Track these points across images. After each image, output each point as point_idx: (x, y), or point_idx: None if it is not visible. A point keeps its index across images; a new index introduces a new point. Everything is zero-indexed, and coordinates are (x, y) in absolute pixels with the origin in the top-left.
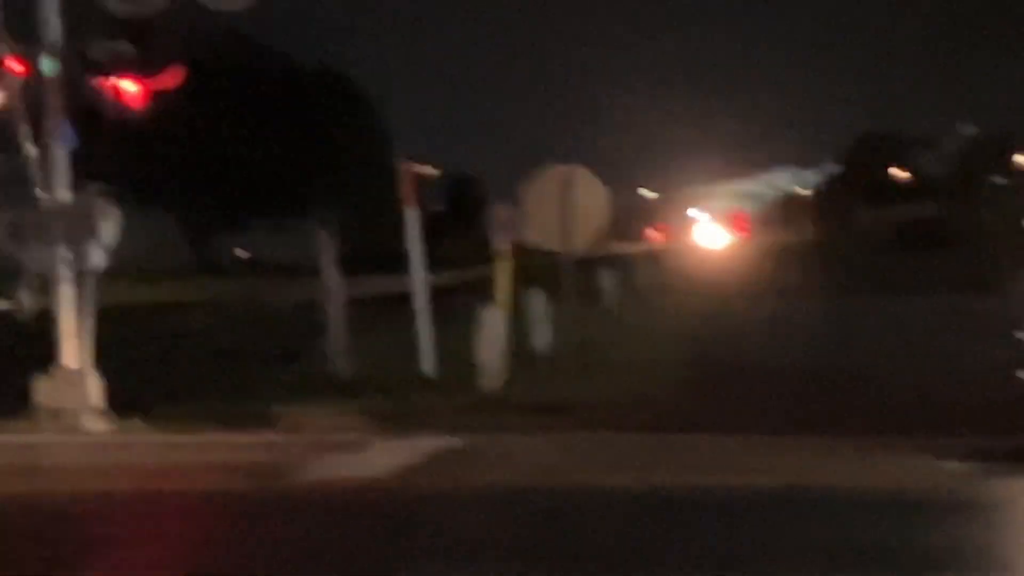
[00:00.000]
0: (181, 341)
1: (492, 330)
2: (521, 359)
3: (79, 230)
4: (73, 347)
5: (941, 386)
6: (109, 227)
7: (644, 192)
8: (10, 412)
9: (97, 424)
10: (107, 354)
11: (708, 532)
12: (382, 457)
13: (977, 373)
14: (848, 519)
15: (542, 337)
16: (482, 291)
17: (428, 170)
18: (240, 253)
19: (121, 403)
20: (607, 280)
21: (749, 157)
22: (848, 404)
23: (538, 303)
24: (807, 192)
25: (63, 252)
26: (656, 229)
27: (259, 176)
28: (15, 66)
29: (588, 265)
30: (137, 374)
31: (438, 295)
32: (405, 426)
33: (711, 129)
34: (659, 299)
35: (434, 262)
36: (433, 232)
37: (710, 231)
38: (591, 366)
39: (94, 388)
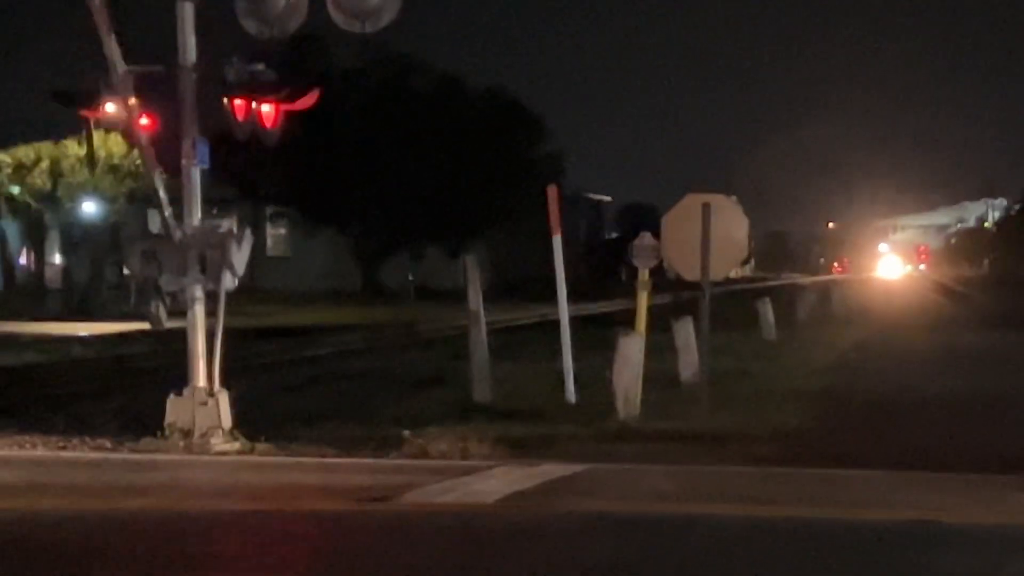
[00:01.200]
0: (329, 363)
1: (629, 357)
2: (668, 388)
3: (211, 255)
4: (204, 367)
5: None
6: (242, 251)
7: (831, 224)
8: (144, 430)
9: (225, 444)
10: (248, 375)
11: (802, 564)
12: (496, 483)
13: None
14: (961, 555)
15: (689, 366)
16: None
17: (602, 198)
18: (410, 278)
19: (253, 424)
20: (767, 310)
21: (935, 190)
22: (994, 440)
23: (685, 332)
24: (990, 225)
25: (195, 275)
26: (839, 260)
27: (434, 202)
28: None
29: (750, 295)
30: (275, 396)
31: (600, 321)
32: (534, 453)
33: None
34: (825, 330)
35: (605, 290)
36: (608, 259)
37: (889, 262)
38: (737, 396)
39: (224, 408)
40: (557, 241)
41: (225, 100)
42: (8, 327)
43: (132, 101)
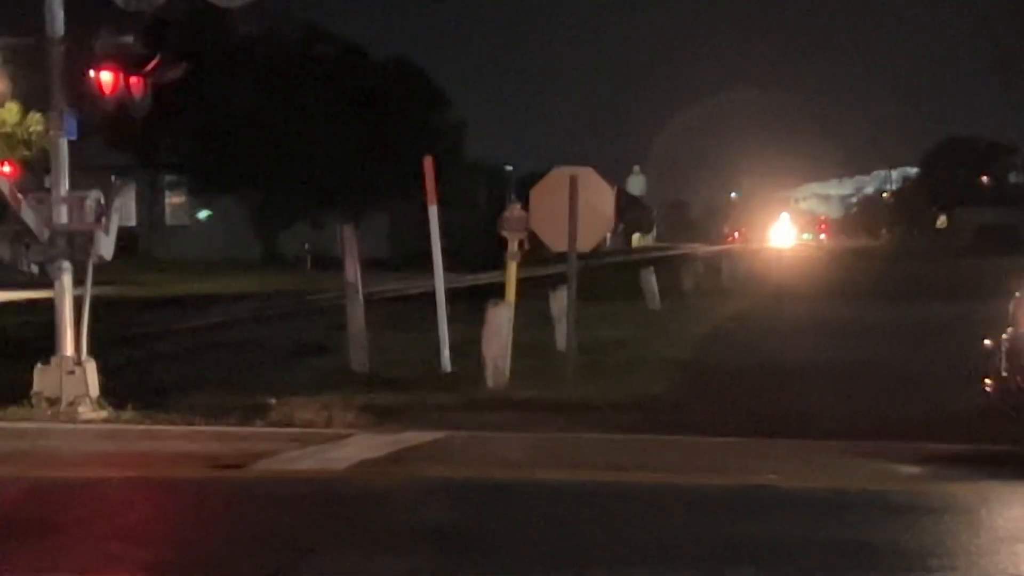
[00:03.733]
0: (213, 333)
1: (498, 327)
2: (542, 358)
3: (80, 222)
4: (72, 336)
5: (925, 391)
6: (114, 219)
7: (733, 195)
8: (10, 399)
9: (92, 413)
10: (128, 345)
11: (638, 526)
12: (352, 450)
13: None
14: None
15: (564, 336)
16: (535, 288)
17: (504, 167)
18: (306, 247)
19: (126, 394)
20: (650, 280)
21: (838, 162)
22: (834, 406)
23: (561, 302)
24: (887, 195)
25: (62, 246)
26: (735, 230)
27: (334, 171)
28: None
29: (635, 265)
30: (153, 365)
31: (494, 291)
32: (399, 421)
33: (798, 134)
34: (709, 301)
35: (503, 260)
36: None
37: (782, 232)
38: (608, 366)
39: (92, 377)
40: (433, 211)
41: (92, 72)
42: None
43: None
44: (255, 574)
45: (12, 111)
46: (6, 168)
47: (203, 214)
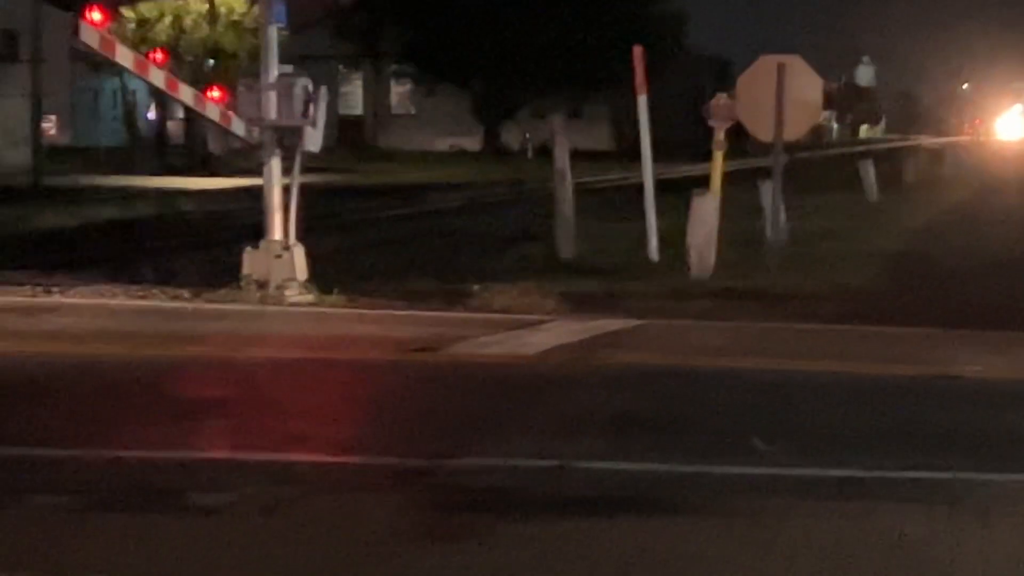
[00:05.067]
0: (426, 220)
1: (703, 216)
2: (750, 248)
3: (287, 108)
4: (280, 221)
5: None
6: (318, 107)
7: (966, 85)
8: (221, 282)
9: (298, 296)
10: (342, 231)
11: (826, 415)
12: (545, 336)
13: None
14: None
15: (772, 226)
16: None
17: (724, 58)
18: (527, 136)
19: (330, 278)
20: (868, 172)
21: None
22: None
23: (768, 192)
24: None
25: (271, 130)
26: (968, 122)
27: (553, 61)
28: None
29: (857, 157)
30: (364, 251)
31: (700, 183)
32: (598, 308)
33: None
34: (929, 192)
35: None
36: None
37: (1010, 124)
38: (817, 256)
39: (299, 261)
40: (642, 101)
41: None
42: (129, 181)
43: None
44: (441, 452)
45: (239, 0)
46: (215, 93)
47: None
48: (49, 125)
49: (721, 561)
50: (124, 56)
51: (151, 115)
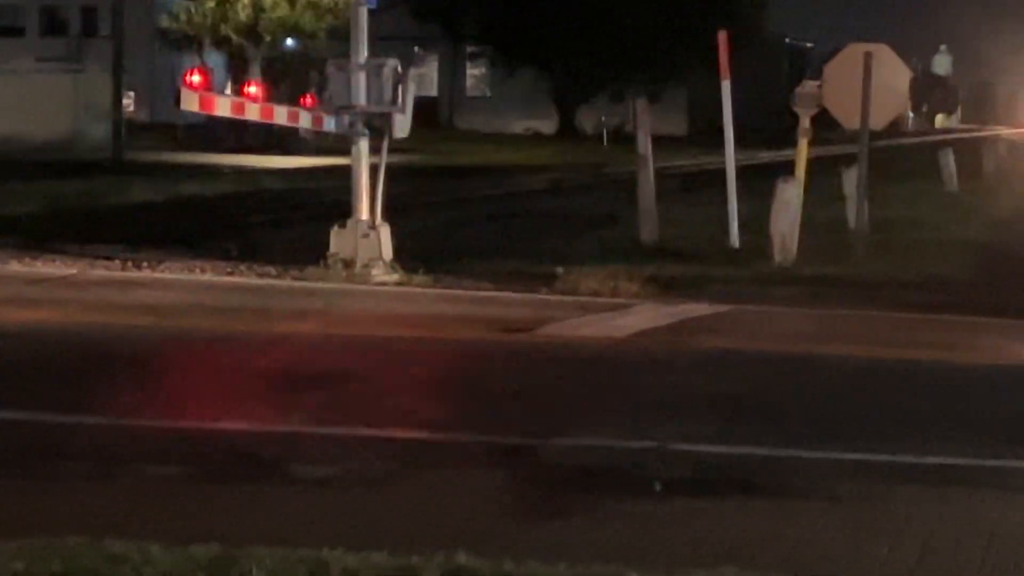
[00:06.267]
0: (506, 202)
1: (787, 203)
2: (832, 235)
3: (375, 90)
4: (367, 201)
5: None
6: (407, 91)
7: None
8: (312, 260)
9: (384, 275)
10: (424, 211)
11: (918, 403)
12: (634, 319)
13: None
14: None
15: (856, 214)
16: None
17: (807, 44)
18: (603, 119)
19: (415, 257)
20: (948, 161)
21: None
22: None
23: (853, 180)
24: None
25: (360, 109)
26: None
27: (632, 45)
28: None
29: (935, 147)
30: (447, 231)
31: (782, 169)
32: (683, 293)
33: None
34: (1010, 184)
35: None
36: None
37: None
38: (901, 245)
39: (385, 241)
40: (726, 87)
41: None
42: (207, 158)
43: None
44: (536, 432)
45: None
46: (252, 89)
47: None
48: (128, 101)
49: (825, 544)
50: (223, 107)
51: (227, 93)
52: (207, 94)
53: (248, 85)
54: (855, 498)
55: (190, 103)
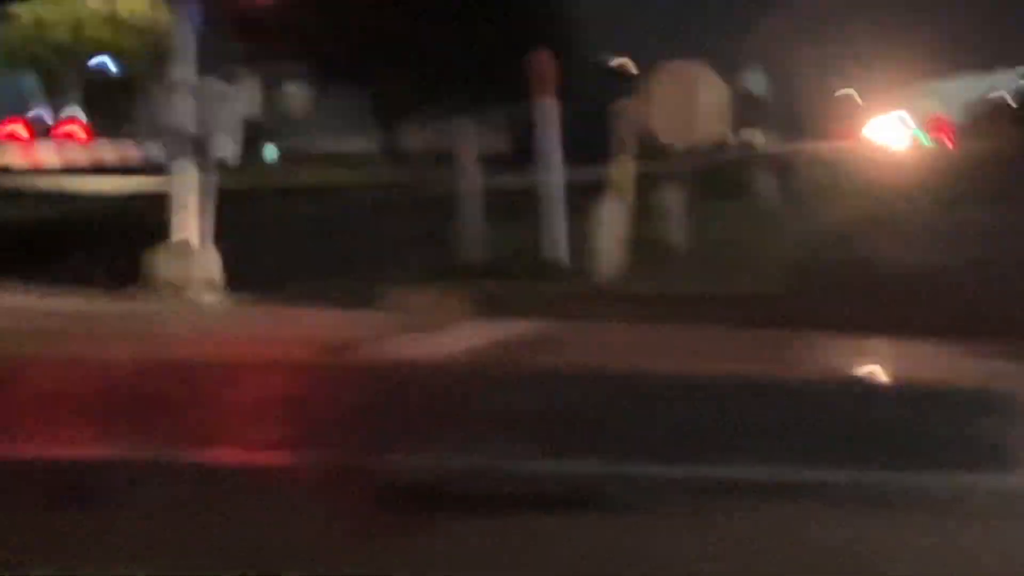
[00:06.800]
0: (330, 222)
1: (610, 220)
2: (655, 252)
3: (199, 110)
4: (189, 221)
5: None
6: (232, 112)
7: (850, 92)
8: (136, 283)
9: (211, 297)
10: (248, 231)
11: (743, 416)
12: (461, 337)
13: None
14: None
15: (676, 231)
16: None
17: (627, 63)
18: (426, 140)
19: (240, 277)
20: (766, 178)
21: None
22: (938, 305)
23: (674, 197)
24: (1014, 97)
25: (184, 130)
26: (851, 129)
27: (452, 65)
28: None
29: (752, 163)
30: (272, 251)
31: (602, 186)
32: (510, 311)
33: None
34: (827, 199)
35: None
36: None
37: (899, 133)
38: (721, 261)
39: (208, 262)
40: (547, 105)
41: None
42: (26, 179)
43: None
44: (363, 452)
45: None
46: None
47: (270, 152)
48: None
49: (653, 559)
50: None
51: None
52: (31, 146)
53: (66, 124)
54: (684, 513)
55: (12, 156)
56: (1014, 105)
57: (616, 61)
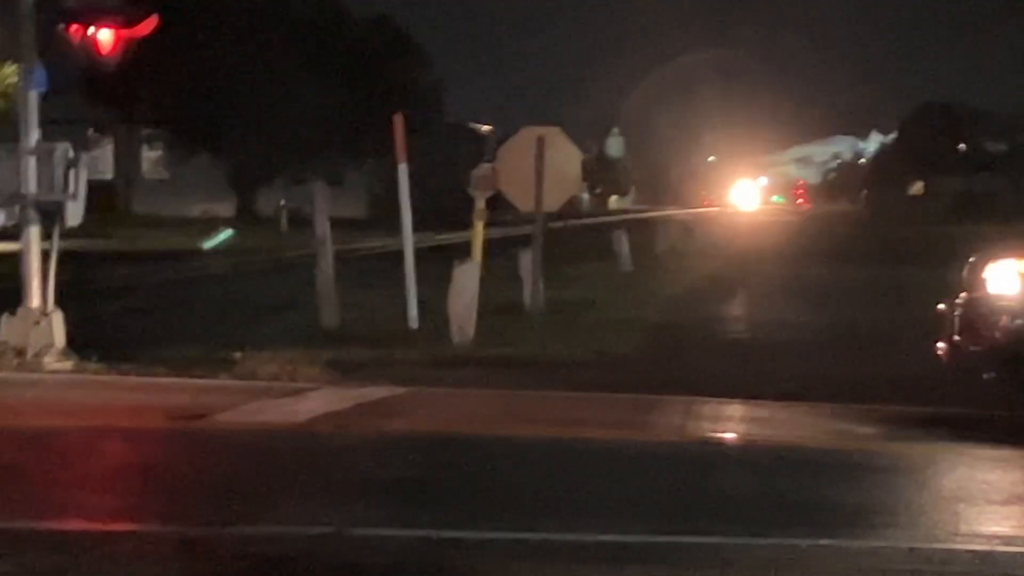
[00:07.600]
0: (183, 287)
1: (464, 285)
2: (509, 316)
3: (46, 176)
4: (39, 287)
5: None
6: (79, 177)
7: (712, 158)
8: None
9: (57, 363)
10: (98, 298)
11: (582, 479)
12: (314, 403)
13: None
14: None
15: (532, 295)
16: (510, 248)
17: (484, 128)
18: (282, 203)
19: (95, 345)
20: (622, 242)
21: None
22: (795, 367)
23: (527, 261)
24: (863, 160)
25: (30, 196)
26: (709, 194)
27: (311, 129)
28: None
29: (609, 227)
30: (122, 318)
31: (461, 251)
32: (364, 376)
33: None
34: (679, 263)
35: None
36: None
37: (752, 196)
38: (577, 325)
39: (58, 328)
40: (402, 170)
41: (62, 26)
42: None
43: None
44: (214, 522)
45: None
46: None
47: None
48: None
49: None
50: None
51: None
52: None
53: None
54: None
55: None
56: (859, 163)
57: (479, 126)
